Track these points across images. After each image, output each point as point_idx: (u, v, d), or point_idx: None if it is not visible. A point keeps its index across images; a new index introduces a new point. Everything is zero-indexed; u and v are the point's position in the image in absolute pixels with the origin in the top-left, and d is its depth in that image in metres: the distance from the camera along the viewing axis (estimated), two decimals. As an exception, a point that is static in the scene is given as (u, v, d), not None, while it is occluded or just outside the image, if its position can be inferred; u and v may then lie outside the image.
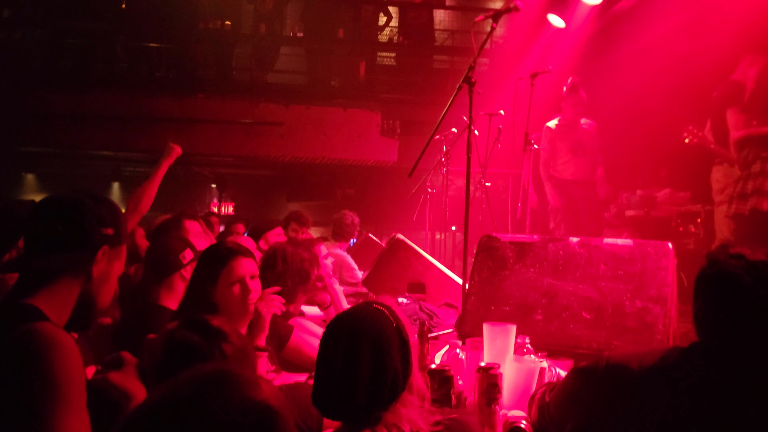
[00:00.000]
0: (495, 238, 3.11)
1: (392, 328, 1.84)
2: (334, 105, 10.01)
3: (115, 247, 1.92)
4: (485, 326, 2.48)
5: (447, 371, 2.28)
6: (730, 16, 5.96)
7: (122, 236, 1.95)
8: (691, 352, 1.94)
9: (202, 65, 10.52)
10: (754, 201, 4.92)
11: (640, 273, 2.73)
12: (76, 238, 1.84)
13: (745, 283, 1.83)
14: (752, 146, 5.04)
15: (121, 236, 1.94)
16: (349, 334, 1.82)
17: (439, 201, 6.89)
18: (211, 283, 2.72)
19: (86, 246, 1.85)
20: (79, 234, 1.84)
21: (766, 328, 1.86)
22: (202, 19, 10.20)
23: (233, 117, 9.78)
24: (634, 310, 2.64)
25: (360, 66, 10.54)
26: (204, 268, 2.80)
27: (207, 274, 2.75)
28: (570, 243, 2.95)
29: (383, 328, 1.83)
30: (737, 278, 1.85)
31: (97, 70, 10.12)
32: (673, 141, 5.96)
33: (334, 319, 1.93)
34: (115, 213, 1.95)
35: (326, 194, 11.19)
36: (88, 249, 1.85)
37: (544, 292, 2.84)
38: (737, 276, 1.85)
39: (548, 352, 2.61)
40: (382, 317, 1.85)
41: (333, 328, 1.88)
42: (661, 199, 7.10)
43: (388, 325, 1.84)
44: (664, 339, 2.55)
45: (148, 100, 9.68)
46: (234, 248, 2.82)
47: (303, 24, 10.74)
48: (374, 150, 9.95)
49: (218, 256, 2.78)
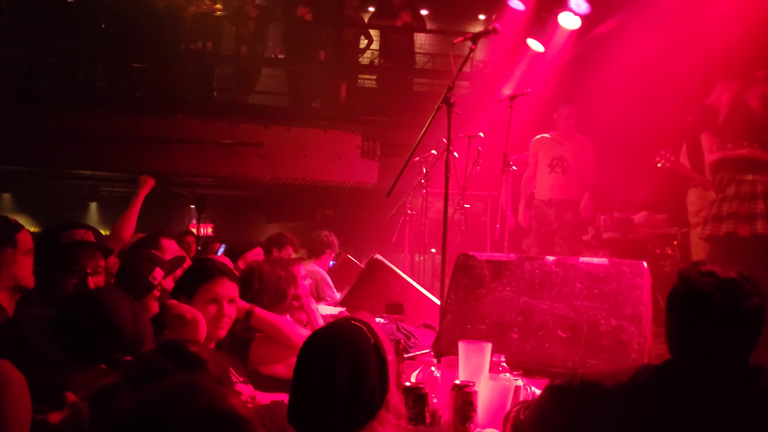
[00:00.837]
0: (472, 257, 3.12)
1: (370, 344, 1.82)
2: (315, 126, 10.01)
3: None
4: (460, 344, 2.48)
5: (421, 389, 2.26)
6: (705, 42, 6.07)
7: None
8: (664, 370, 1.95)
9: (183, 86, 10.49)
10: (730, 225, 4.97)
11: (615, 292, 2.74)
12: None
13: (717, 300, 1.85)
14: (727, 169, 5.11)
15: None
16: (326, 351, 1.80)
17: (419, 223, 6.90)
18: (188, 295, 2.68)
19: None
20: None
21: (737, 345, 1.87)
22: (183, 39, 10.18)
23: (213, 137, 9.74)
24: (609, 329, 2.64)
25: (341, 88, 10.58)
26: (186, 278, 2.78)
27: (187, 285, 2.72)
28: (546, 262, 2.96)
29: (361, 344, 1.81)
30: (708, 296, 1.86)
31: (76, 90, 10.05)
32: (650, 164, 6.04)
33: (310, 335, 1.92)
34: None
35: (306, 215, 11.16)
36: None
37: (520, 310, 2.85)
38: (708, 293, 1.86)
39: (524, 370, 2.61)
40: (359, 334, 1.84)
41: (309, 344, 1.86)
42: (638, 222, 7.14)
43: (366, 342, 1.82)
44: (639, 357, 2.56)
45: (128, 120, 9.62)
46: (222, 269, 2.81)
47: (284, 45, 10.78)
48: (354, 171, 9.96)
49: (204, 271, 2.76)
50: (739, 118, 5.07)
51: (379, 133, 10.29)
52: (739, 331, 1.86)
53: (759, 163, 4.93)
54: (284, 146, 9.82)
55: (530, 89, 5.59)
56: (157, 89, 10.31)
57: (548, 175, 6.87)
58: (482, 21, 12.90)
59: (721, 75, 5.60)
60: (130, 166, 9.92)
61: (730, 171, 5.06)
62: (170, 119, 9.76)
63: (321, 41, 10.54)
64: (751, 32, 5.29)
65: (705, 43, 6.08)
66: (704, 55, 5.97)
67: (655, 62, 7.08)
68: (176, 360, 1.71)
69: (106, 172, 10.67)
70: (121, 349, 2.00)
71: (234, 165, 9.82)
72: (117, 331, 2.01)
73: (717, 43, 5.75)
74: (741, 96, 5.15)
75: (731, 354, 1.87)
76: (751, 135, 4.95)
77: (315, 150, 9.87)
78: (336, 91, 10.54)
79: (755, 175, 4.93)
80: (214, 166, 9.84)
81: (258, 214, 13.29)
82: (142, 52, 10.01)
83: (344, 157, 9.91)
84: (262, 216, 13.14)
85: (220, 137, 9.74)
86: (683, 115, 6.04)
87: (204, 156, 9.80)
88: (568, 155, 6.87)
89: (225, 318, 2.71)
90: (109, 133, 9.53)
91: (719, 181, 5.16)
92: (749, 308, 1.85)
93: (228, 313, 2.72)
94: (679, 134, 6.13)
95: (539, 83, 7.87)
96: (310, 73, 10.73)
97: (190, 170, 9.91)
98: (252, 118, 9.92)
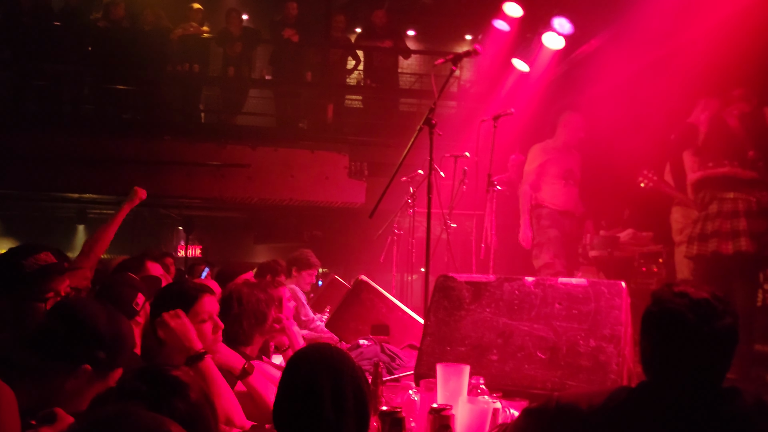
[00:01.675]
0: (451, 278, 3.11)
1: (353, 364, 1.88)
2: (302, 147, 10.01)
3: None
4: (438, 367, 2.46)
5: (398, 413, 2.24)
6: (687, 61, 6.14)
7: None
8: (639, 392, 1.94)
9: (170, 107, 10.50)
10: (714, 244, 5.00)
11: (594, 312, 2.74)
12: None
13: (689, 321, 1.85)
14: (709, 188, 5.15)
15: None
16: (307, 368, 1.83)
17: (406, 242, 6.90)
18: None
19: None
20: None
21: (711, 366, 1.87)
22: (170, 61, 10.21)
23: (201, 159, 9.73)
24: (588, 350, 2.64)
25: (328, 108, 10.61)
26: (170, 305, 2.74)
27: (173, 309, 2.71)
28: (525, 282, 2.96)
29: (345, 365, 1.86)
30: (681, 316, 1.86)
31: (63, 112, 10.04)
32: (635, 182, 6.07)
33: (294, 355, 1.94)
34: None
35: (294, 236, 11.13)
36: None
37: (499, 332, 2.84)
38: (681, 314, 1.86)
39: (503, 392, 2.59)
40: (343, 355, 1.89)
41: (289, 364, 1.88)
42: (624, 240, 7.17)
43: (349, 361, 1.88)
44: (618, 378, 2.55)
45: (115, 142, 9.60)
46: (199, 287, 2.83)
47: (272, 67, 10.82)
48: (342, 192, 9.95)
49: (186, 295, 2.76)
50: (719, 136, 5.12)
51: (366, 153, 10.30)
52: (712, 351, 1.87)
53: (739, 181, 4.97)
54: (271, 167, 9.81)
55: (513, 109, 5.62)
56: (144, 111, 10.31)
57: (563, 187, 6.73)
58: (469, 41, 12.99)
59: (701, 94, 5.65)
60: (117, 188, 9.87)
61: (712, 189, 5.10)
62: (157, 141, 9.74)
63: (308, 62, 10.58)
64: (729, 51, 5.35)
65: (686, 62, 6.15)
66: (686, 74, 6.03)
67: (638, 81, 7.14)
68: (152, 384, 1.65)
69: (94, 194, 10.62)
70: (100, 345, 2.02)
71: (221, 186, 9.80)
72: (90, 328, 2.03)
73: (698, 62, 5.81)
74: (720, 115, 5.20)
75: (705, 375, 1.87)
76: (731, 153, 4.99)
77: (302, 171, 9.87)
78: (323, 112, 10.57)
79: (736, 193, 4.97)
80: (201, 188, 9.82)
81: (246, 235, 13.26)
82: (129, 75, 10.02)
83: (331, 178, 9.91)
84: (251, 237, 13.11)
85: (207, 159, 9.72)
86: (667, 134, 6.08)
87: (191, 177, 9.77)
88: (576, 168, 6.86)
89: (221, 329, 2.78)
90: (96, 155, 9.50)
91: (701, 199, 5.19)
92: (722, 328, 1.86)
93: (221, 324, 2.79)
94: (662, 153, 6.17)
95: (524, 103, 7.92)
96: (298, 94, 10.77)
97: (177, 192, 9.88)
98: (239, 140, 9.91)
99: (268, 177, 9.81)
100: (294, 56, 10.34)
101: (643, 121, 6.90)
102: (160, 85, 10.31)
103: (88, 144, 9.55)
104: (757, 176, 4.96)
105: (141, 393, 1.61)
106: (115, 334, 2.09)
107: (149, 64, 9.97)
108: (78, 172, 9.66)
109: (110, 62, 9.73)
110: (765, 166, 4.99)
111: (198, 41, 10.23)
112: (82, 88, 10.23)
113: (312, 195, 9.99)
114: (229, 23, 10.29)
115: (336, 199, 10.04)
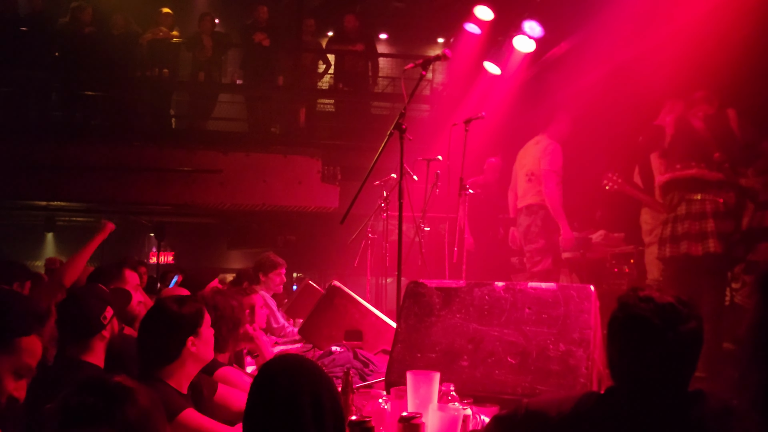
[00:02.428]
0: (421, 284, 3.10)
1: (328, 377, 1.87)
2: (275, 152, 9.96)
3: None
4: (408, 375, 2.45)
5: (367, 423, 2.22)
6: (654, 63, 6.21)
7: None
8: (606, 398, 1.95)
9: (139, 113, 10.38)
10: (685, 246, 5.05)
11: (563, 316, 2.74)
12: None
13: (655, 326, 1.85)
14: (677, 189, 5.20)
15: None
16: (286, 380, 1.81)
17: (380, 246, 6.88)
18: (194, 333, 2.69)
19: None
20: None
21: (676, 370, 1.88)
22: (139, 66, 10.10)
23: (171, 165, 9.63)
24: (558, 354, 2.64)
25: (300, 113, 10.57)
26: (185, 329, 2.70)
27: (189, 331, 2.68)
28: (495, 287, 2.96)
29: (323, 378, 1.86)
30: (647, 321, 1.87)
31: (30, 119, 9.87)
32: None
33: (263, 366, 1.92)
34: None
35: (268, 241, 11.04)
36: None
37: (470, 337, 2.83)
38: (647, 319, 1.87)
39: (474, 398, 2.59)
40: (319, 368, 1.90)
41: (265, 374, 1.86)
42: (596, 241, 7.22)
43: (325, 374, 1.88)
44: (588, 382, 2.56)
45: (84, 149, 9.47)
46: (200, 306, 2.81)
47: (242, 71, 10.75)
48: (315, 196, 9.92)
49: (198, 315, 2.75)
50: (685, 138, 5.18)
51: (339, 157, 10.28)
52: (677, 355, 1.88)
53: (707, 183, 5.03)
54: (244, 172, 9.75)
55: (484, 113, 5.63)
56: (113, 117, 10.18)
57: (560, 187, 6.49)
58: (440, 44, 13.03)
59: (667, 96, 5.72)
60: (86, 195, 9.76)
61: (680, 191, 5.15)
62: (127, 147, 9.63)
63: (279, 66, 10.53)
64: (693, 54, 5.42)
65: (653, 64, 6.23)
66: (653, 77, 6.10)
67: (607, 83, 7.20)
68: (97, 394, 1.61)
69: (62, 202, 10.46)
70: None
71: (193, 192, 9.71)
72: None
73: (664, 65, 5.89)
74: (684, 116, 5.26)
75: (671, 379, 1.88)
76: (698, 155, 5.05)
77: (275, 175, 9.82)
78: (295, 116, 10.53)
79: (704, 194, 5.02)
80: (172, 194, 9.72)
81: (219, 240, 13.15)
82: (97, 80, 9.88)
83: (305, 182, 9.87)
84: (224, 243, 13.00)
85: (178, 164, 9.63)
86: (635, 136, 6.14)
87: (162, 184, 9.67)
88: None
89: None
90: (64, 162, 9.37)
91: (670, 201, 5.24)
92: (686, 332, 1.87)
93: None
94: (631, 155, 6.23)
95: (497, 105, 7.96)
96: (269, 99, 10.70)
97: (148, 199, 9.77)
98: (210, 145, 9.84)
99: (241, 182, 9.75)
100: (265, 60, 10.28)
101: (612, 123, 6.96)
102: (129, 91, 10.18)
103: (56, 151, 9.41)
104: (723, 177, 5.02)
105: (88, 406, 1.57)
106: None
107: (118, 69, 9.85)
108: (46, 180, 9.51)
109: (78, 67, 9.58)
110: (730, 168, 5.06)
111: (167, 46, 10.13)
112: (49, 94, 10.07)
113: (285, 200, 9.94)
114: (202, 28, 10.20)
115: (309, 203, 10.00)
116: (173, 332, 2.63)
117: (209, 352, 2.76)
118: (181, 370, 2.63)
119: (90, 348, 3.04)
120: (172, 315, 2.67)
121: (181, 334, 2.63)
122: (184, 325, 2.66)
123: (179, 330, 2.64)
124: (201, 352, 2.67)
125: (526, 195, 6.64)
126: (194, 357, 2.65)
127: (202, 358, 2.70)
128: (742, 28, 5.52)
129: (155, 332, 2.65)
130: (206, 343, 2.71)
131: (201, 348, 2.67)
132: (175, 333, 2.63)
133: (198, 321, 2.70)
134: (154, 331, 2.66)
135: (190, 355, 2.63)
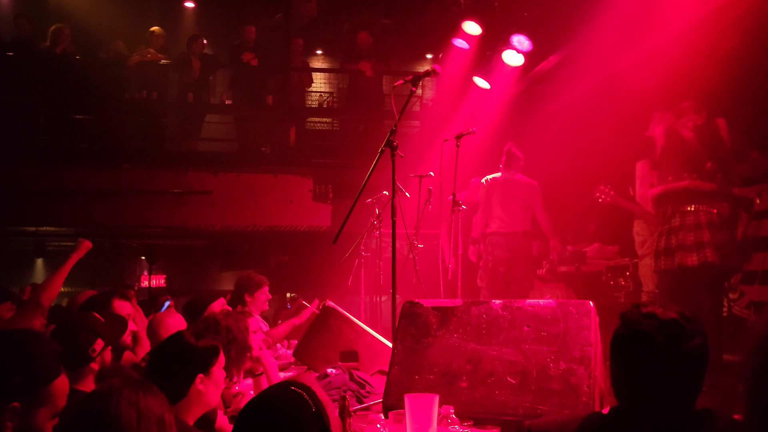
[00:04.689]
0: (417, 304, 3.04)
1: (311, 414, 1.74)
2: (265, 171, 9.91)
3: None
4: (406, 398, 2.38)
5: (366, 450, 2.16)
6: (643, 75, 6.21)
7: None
8: (611, 418, 1.89)
9: (129, 136, 10.32)
10: (679, 257, 5.01)
11: (563, 333, 2.69)
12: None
13: (658, 342, 1.81)
14: (670, 201, 5.17)
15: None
16: (264, 425, 1.71)
17: (374, 264, 6.82)
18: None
19: None
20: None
21: (682, 388, 1.83)
22: (127, 89, 10.05)
23: (161, 187, 9.56)
24: (559, 372, 2.58)
25: (290, 131, 10.52)
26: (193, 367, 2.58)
27: (197, 369, 2.56)
28: (493, 305, 2.90)
29: (301, 416, 1.72)
30: (651, 338, 1.82)
31: (18, 143, 9.79)
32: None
33: (246, 405, 1.82)
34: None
35: (260, 262, 10.98)
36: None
37: (468, 357, 2.77)
38: (651, 336, 1.82)
39: (474, 420, 2.53)
40: (300, 402, 1.75)
41: (246, 415, 1.76)
42: (591, 254, 7.20)
43: (307, 412, 1.74)
44: (590, 401, 2.50)
45: (73, 173, 9.39)
46: (215, 342, 2.70)
47: (231, 91, 10.72)
48: (307, 215, 9.86)
49: (211, 350, 2.64)
50: (675, 149, 5.16)
51: (330, 175, 10.23)
52: (683, 372, 1.82)
53: (700, 193, 5.00)
54: (234, 193, 9.69)
55: (475, 128, 5.61)
56: (101, 140, 10.10)
57: (502, 212, 6.99)
58: (429, 60, 13.05)
59: (656, 107, 5.71)
60: (76, 220, 9.66)
61: (674, 203, 5.12)
62: (116, 170, 9.55)
63: (268, 86, 10.50)
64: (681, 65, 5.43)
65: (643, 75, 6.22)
66: (643, 88, 6.10)
67: (596, 96, 7.21)
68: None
69: (52, 227, 10.36)
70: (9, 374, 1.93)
71: (184, 214, 9.63)
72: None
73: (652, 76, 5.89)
74: (674, 127, 5.25)
75: (677, 397, 1.83)
76: (689, 166, 5.03)
77: (266, 195, 9.76)
78: (285, 135, 10.48)
79: (697, 205, 5.00)
80: (163, 216, 9.64)
81: (211, 262, 13.06)
82: (86, 104, 9.83)
83: (296, 202, 9.82)
84: (216, 264, 12.91)
85: (168, 186, 9.56)
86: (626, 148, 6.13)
87: (152, 206, 9.60)
88: (518, 193, 7.02)
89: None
90: (53, 187, 9.28)
91: (663, 213, 5.21)
92: (692, 349, 1.82)
93: None
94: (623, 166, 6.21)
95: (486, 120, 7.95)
96: (259, 119, 10.67)
97: (138, 222, 9.69)
98: (200, 166, 9.77)
99: (231, 203, 9.68)
100: (254, 80, 10.25)
101: (602, 136, 6.95)
102: (117, 113, 10.13)
103: (45, 175, 9.33)
104: (716, 188, 5.00)
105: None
106: (19, 352, 1.98)
107: (106, 92, 9.79)
108: (35, 205, 9.41)
109: (66, 91, 9.52)
110: (723, 178, 5.03)
111: (156, 68, 10.09)
112: (37, 118, 9.99)
113: (277, 220, 9.87)
114: (191, 50, 10.17)
115: (301, 222, 9.93)
116: (185, 366, 2.52)
117: (216, 397, 2.63)
118: (187, 410, 2.50)
119: (81, 377, 2.98)
120: (187, 348, 2.56)
121: (190, 370, 2.52)
122: (196, 360, 2.55)
123: (190, 364, 2.53)
124: (209, 392, 2.55)
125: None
126: (200, 397, 2.53)
127: (207, 401, 2.57)
128: (730, 38, 5.53)
129: (165, 364, 2.55)
130: (216, 385, 2.59)
131: (209, 389, 2.55)
132: (187, 366, 2.52)
133: (212, 360, 2.59)
134: (165, 362, 2.55)
135: (197, 394, 2.51)
